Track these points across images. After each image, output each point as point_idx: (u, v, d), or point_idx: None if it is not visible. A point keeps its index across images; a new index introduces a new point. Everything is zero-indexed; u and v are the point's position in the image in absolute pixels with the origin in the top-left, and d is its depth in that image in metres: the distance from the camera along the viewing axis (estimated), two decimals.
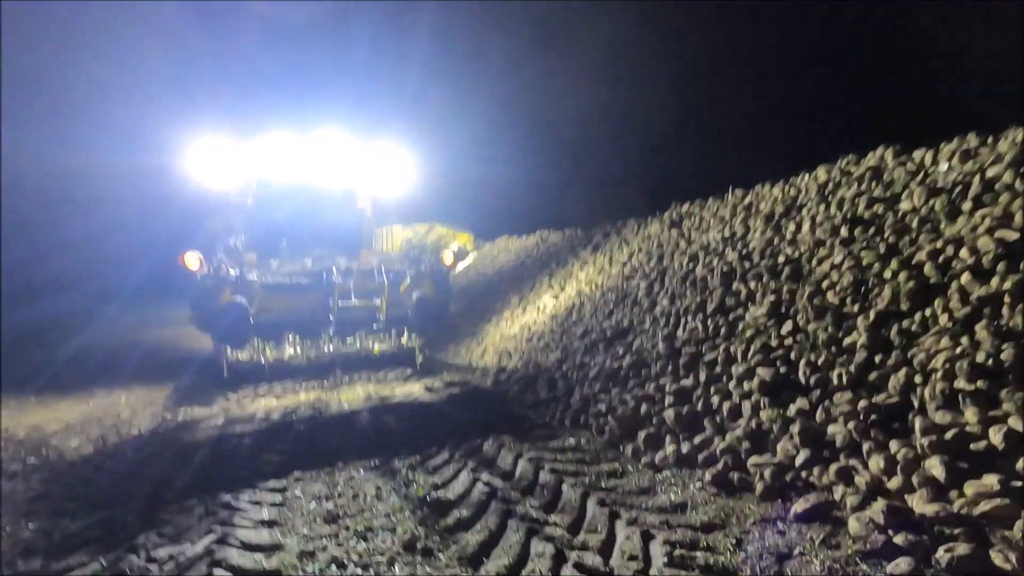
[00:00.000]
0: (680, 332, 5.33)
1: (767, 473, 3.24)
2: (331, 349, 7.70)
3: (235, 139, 8.25)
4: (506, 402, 6.02)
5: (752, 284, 5.23)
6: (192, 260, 5.83)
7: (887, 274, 4.22)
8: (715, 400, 4.19)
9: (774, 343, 4.36)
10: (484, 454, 4.23)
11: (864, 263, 4.49)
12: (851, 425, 3.29)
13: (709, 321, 5.16)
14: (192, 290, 6.03)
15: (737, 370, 4.27)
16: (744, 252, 5.79)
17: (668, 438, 4.08)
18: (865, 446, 3.12)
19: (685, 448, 3.81)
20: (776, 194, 6.65)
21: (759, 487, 3.19)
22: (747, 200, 7.06)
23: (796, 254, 5.20)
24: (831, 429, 3.38)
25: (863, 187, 5.45)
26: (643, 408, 4.56)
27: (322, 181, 9.07)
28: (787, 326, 4.44)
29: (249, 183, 8.57)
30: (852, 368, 3.68)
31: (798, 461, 3.29)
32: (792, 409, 3.66)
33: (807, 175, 6.55)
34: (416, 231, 17.07)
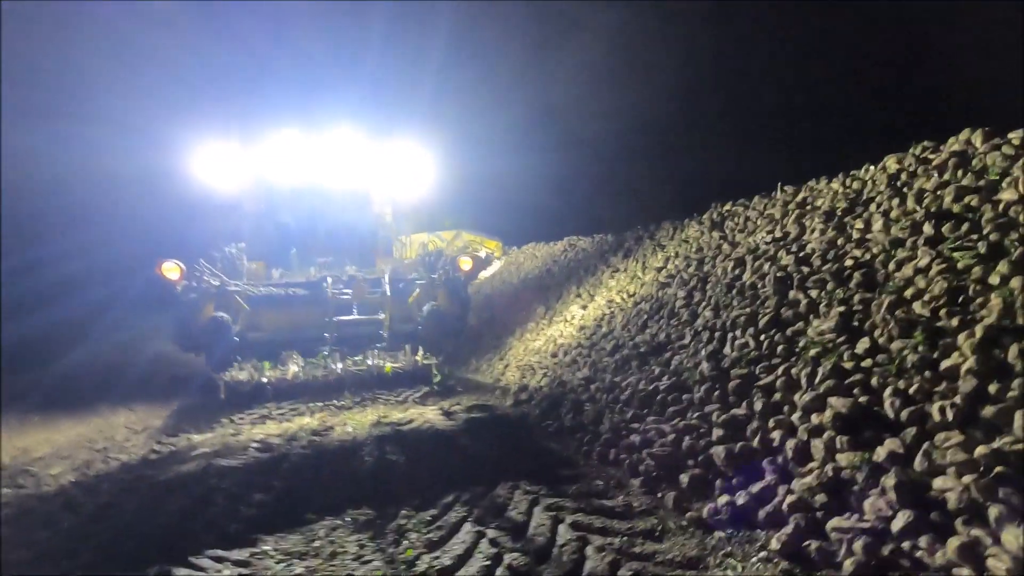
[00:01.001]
0: (727, 349, 4.55)
1: (857, 544, 2.46)
2: (340, 368, 7.14)
3: (242, 139, 7.84)
4: (526, 429, 5.33)
5: (814, 292, 4.43)
6: (171, 270, 5.33)
7: (993, 279, 3.38)
8: (776, 436, 3.42)
9: (848, 365, 3.56)
10: (495, 497, 3.55)
11: (959, 266, 3.65)
12: (968, 479, 2.49)
13: (763, 337, 4.37)
14: (171, 304, 5.54)
15: (802, 399, 3.49)
16: (801, 255, 4.97)
17: (718, 484, 3.33)
18: (993, 511, 2.33)
19: (741, 499, 3.05)
20: (835, 189, 5.80)
21: (848, 564, 2.42)
22: (799, 197, 6.22)
23: (867, 256, 4.37)
24: (938, 483, 2.58)
25: (947, 176, 4.59)
26: (685, 442, 3.80)
27: (334, 183, 8.58)
28: (863, 344, 3.63)
29: (254, 185, 8.11)
30: (959, 400, 2.87)
31: (896, 526, 2.50)
32: (881, 453, 2.87)
33: (871, 167, 5.69)
34: (442, 238, 16.64)
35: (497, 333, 10.49)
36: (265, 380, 7.24)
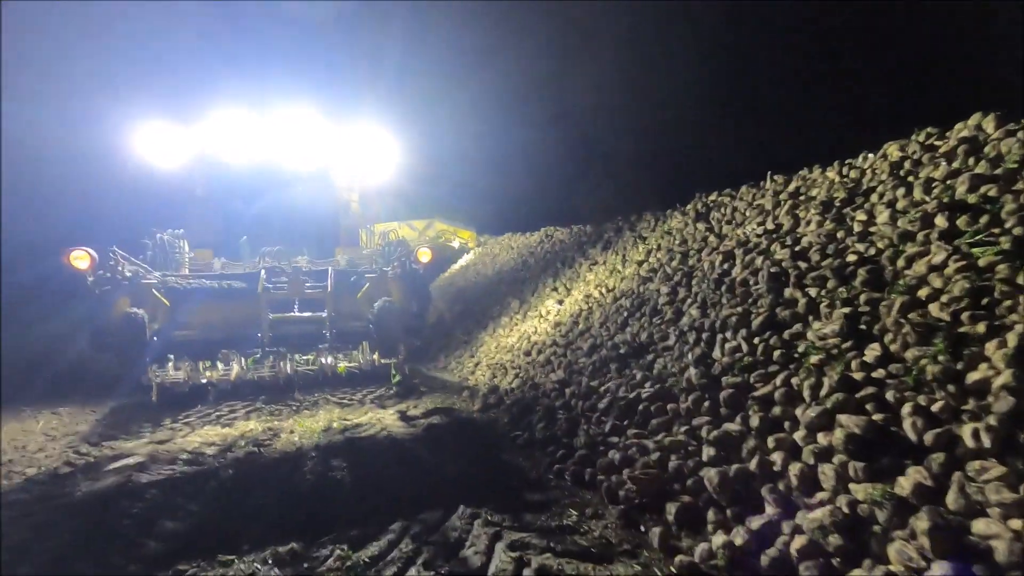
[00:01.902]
0: (717, 353, 4.09)
1: None
2: (289, 368, 6.52)
3: (182, 117, 7.09)
4: (493, 440, 4.81)
5: (812, 291, 3.98)
6: (80, 259, 4.63)
7: (1022, 280, 2.95)
8: (776, 458, 2.95)
9: (857, 375, 3.11)
10: (450, 530, 3.02)
11: (981, 264, 3.22)
12: (1019, 525, 2.05)
13: (757, 339, 3.91)
14: (80, 297, 4.84)
15: (806, 414, 3.03)
16: (797, 249, 4.53)
17: (711, 515, 2.85)
18: None
19: (740, 538, 2.57)
20: (831, 178, 5.38)
21: None
22: (792, 187, 5.79)
23: (872, 251, 3.94)
24: (980, 527, 2.14)
25: (956, 164, 4.18)
26: (672, 461, 3.32)
27: (289, 165, 7.85)
28: (872, 350, 3.19)
29: (196, 165, 7.35)
30: (994, 422, 2.43)
31: None
32: (904, 485, 2.42)
33: (870, 154, 5.28)
34: (413, 227, 15.99)
35: (469, 328, 9.95)
36: (205, 381, 6.61)
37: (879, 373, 3.07)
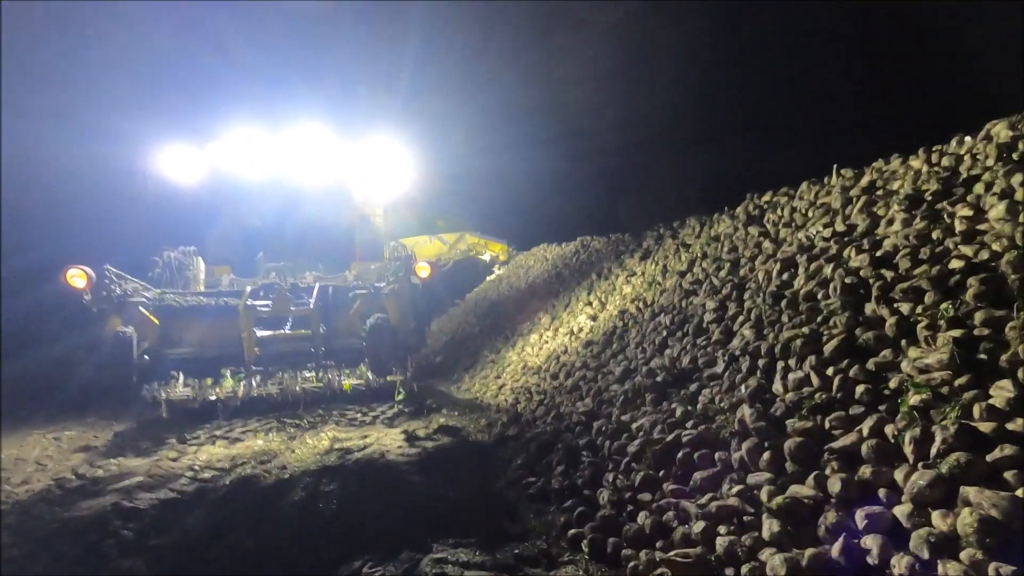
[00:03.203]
0: (778, 386, 3.25)
1: None
2: (298, 386, 6.06)
3: (198, 135, 6.87)
4: (503, 479, 4.09)
5: (904, 307, 3.10)
6: (77, 277, 4.33)
7: None
8: (872, 544, 2.11)
9: (983, 426, 2.25)
10: None
11: None
12: None
13: (831, 370, 3.06)
14: (77, 317, 4.53)
15: (913, 482, 2.18)
16: (878, 254, 3.64)
17: None
18: None
19: None
20: (916, 167, 4.44)
21: None
22: (865, 180, 4.86)
23: (985, 256, 3.02)
24: None
25: None
26: (721, 536, 2.52)
27: (305, 181, 7.55)
28: (1003, 391, 2.31)
29: (212, 183, 7.11)
30: None
31: None
32: None
33: (966, 137, 4.32)
34: (444, 241, 15.52)
35: (496, 346, 9.28)
36: (213, 398, 6.29)
37: (1016, 424, 2.19)
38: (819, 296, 3.75)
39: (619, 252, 9.31)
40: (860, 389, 2.81)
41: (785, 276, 4.27)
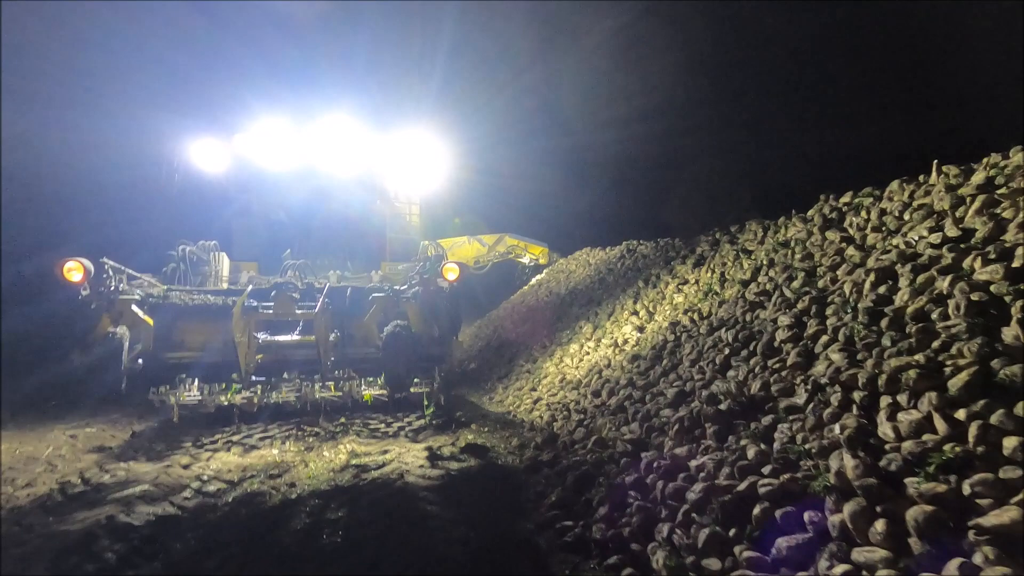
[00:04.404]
0: (887, 430, 2.55)
1: None
2: (317, 394, 5.66)
3: (224, 127, 6.60)
4: (534, 518, 3.50)
5: None
6: (73, 270, 4.01)
7: None
8: None
9: None
10: None
11: None
12: None
13: (961, 413, 2.35)
14: (72, 313, 4.21)
15: None
16: (1016, 266, 2.89)
17: None
18: None
19: None
20: None
21: None
22: (979, 177, 4.05)
23: None
24: None
25: None
26: None
27: (334, 175, 7.17)
28: None
29: (237, 175, 6.82)
30: None
31: None
32: None
33: None
34: (483, 242, 15.04)
35: (533, 355, 8.69)
36: (228, 403, 5.96)
37: None
38: (931, 315, 3.02)
39: (669, 258, 8.60)
40: (1012, 444, 2.11)
41: (882, 289, 3.54)
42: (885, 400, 2.71)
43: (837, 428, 2.72)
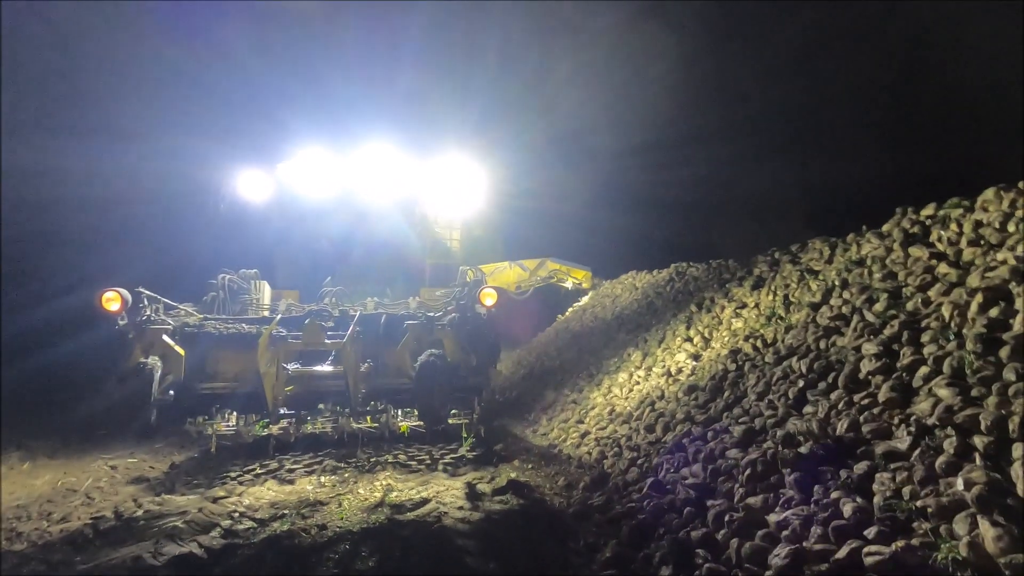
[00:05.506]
0: None
1: None
2: (354, 424, 5.43)
3: (263, 157, 6.65)
4: None
5: None
6: (111, 300, 3.95)
7: None
8: None
9: None
10: None
11: None
12: None
13: None
14: (109, 342, 4.13)
15: None
16: None
17: None
18: None
19: None
20: None
21: None
22: None
23: None
24: None
25: None
26: None
27: (373, 202, 7.11)
28: None
29: (278, 204, 6.82)
30: None
31: None
32: None
33: None
34: (524, 267, 14.76)
35: (579, 384, 8.25)
36: (266, 433, 5.81)
37: None
38: None
39: (723, 280, 8.06)
40: None
41: (994, 312, 3.02)
42: (1020, 449, 2.21)
43: (960, 482, 2.23)
